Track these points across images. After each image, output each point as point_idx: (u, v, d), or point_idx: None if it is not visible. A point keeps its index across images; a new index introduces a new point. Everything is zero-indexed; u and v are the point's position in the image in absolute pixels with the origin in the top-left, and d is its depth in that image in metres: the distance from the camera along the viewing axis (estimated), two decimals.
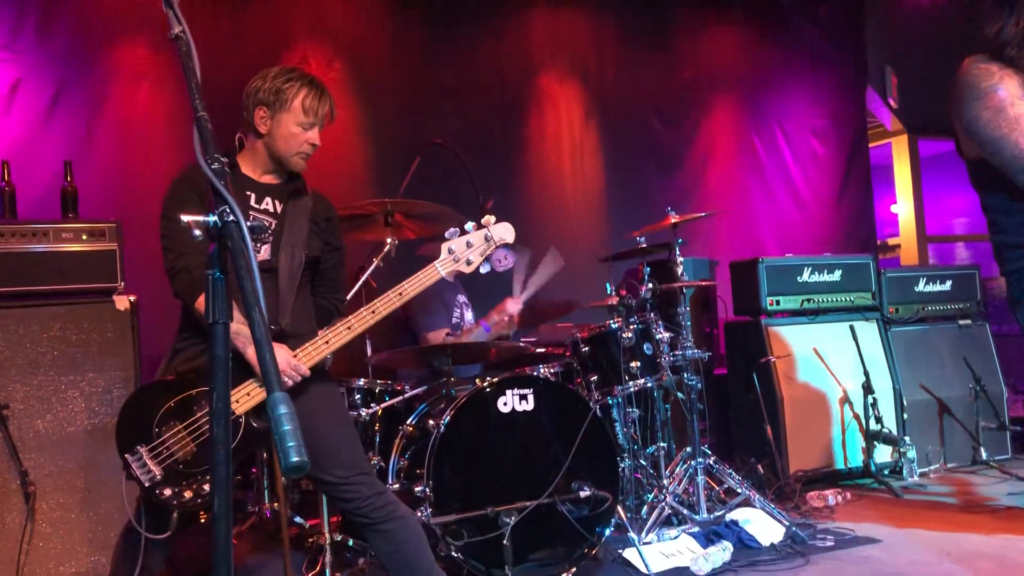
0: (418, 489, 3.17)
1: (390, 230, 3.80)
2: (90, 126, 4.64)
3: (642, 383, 3.98)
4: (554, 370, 3.88)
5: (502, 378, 3.42)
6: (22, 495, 3.42)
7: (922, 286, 5.71)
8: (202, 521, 3.08)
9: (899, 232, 8.27)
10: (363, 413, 3.57)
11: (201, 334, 2.59)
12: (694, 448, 4.15)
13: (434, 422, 3.33)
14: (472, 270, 2.66)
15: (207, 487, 2.43)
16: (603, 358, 3.98)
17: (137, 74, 4.78)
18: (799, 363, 5.19)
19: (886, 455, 5.19)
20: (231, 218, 1.17)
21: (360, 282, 3.74)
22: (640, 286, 4.30)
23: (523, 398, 3.41)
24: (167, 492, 2.41)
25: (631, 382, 3.95)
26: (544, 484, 3.33)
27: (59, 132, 4.55)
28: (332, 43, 5.34)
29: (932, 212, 8.39)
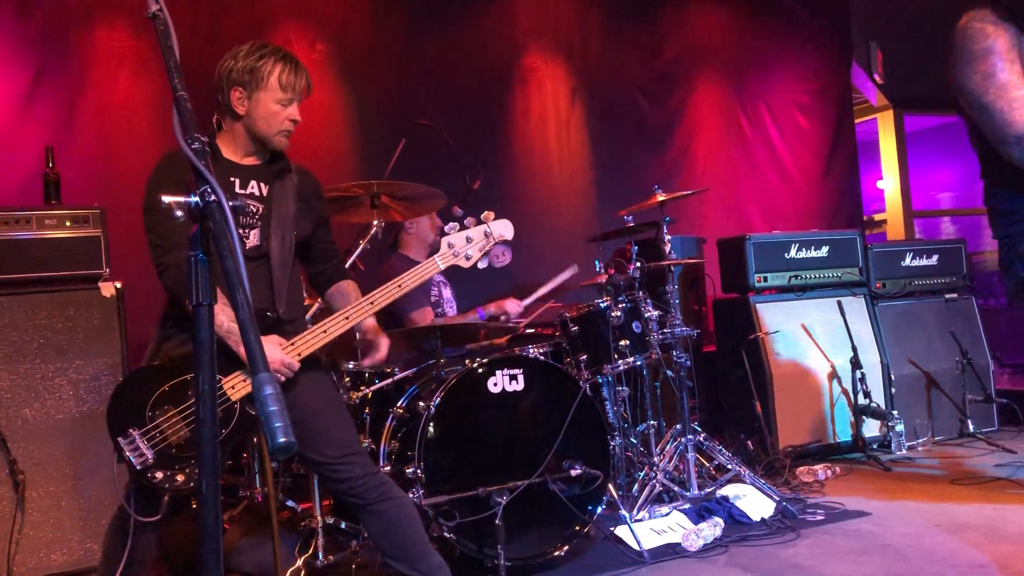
0: (409, 471, 3.17)
1: (376, 212, 3.77)
2: (71, 111, 4.57)
3: (631, 361, 3.98)
4: (543, 350, 3.88)
5: (492, 359, 3.42)
6: (11, 484, 3.41)
7: (909, 261, 5.73)
8: (193, 507, 3.07)
9: (885, 207, 8.29)
10: (353, 396, 3.57)
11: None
12: (684, 425, 4.16)
13: (424, 404, 3.32)
14: (471, 265, 2.65)
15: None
16: (592, 337, 3.98)
17: (118, 57, 4.71)
18: (787, 339, 5.21)
19: (875, 429, 5.23)
20: (212, 198, 1.16)
21: (347, 265, 3.71)
22: (628, 265, 4.30)
23: (513, 378, 3.41)
24: (159, 475, 2.40)
25: (620, 361, 3.95)
26: (535, 463, 3.33)
27: (39, 117, 4.49)
28: (315, 24, 5.28)
29: (917, 187, 8.41)
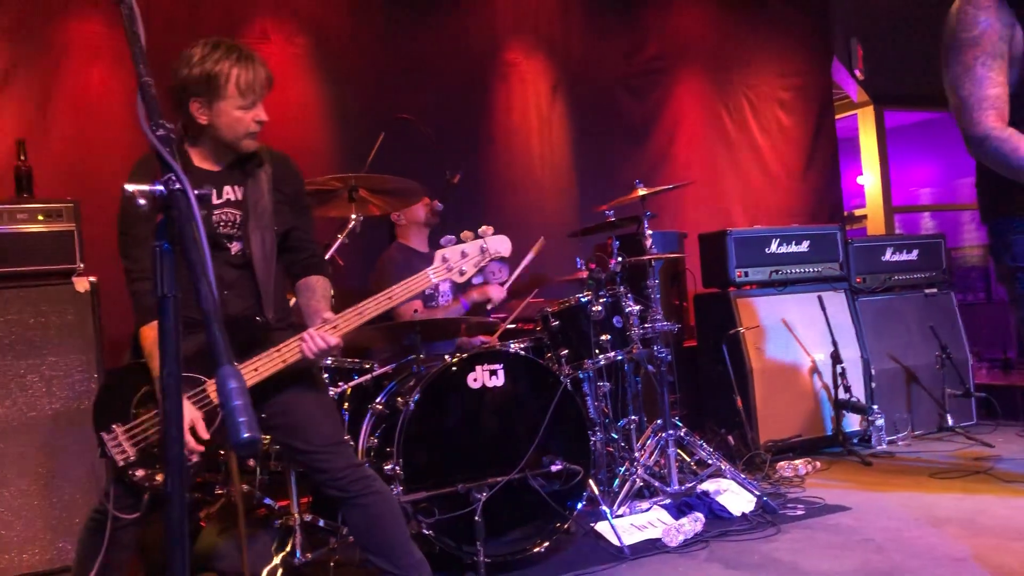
0: (388, 467, 3.14)
1: (355, 206, 3.73)
2: (44, 104, 4.50)
3: (612, 356, 3.97)
4: (524, 345, 3.86)
5: (472, 353, 3.39)
6: None
7: (889, 256, 5.75)
8: None
9: (865, 203, 8.32)
10: (332, 392, 3.53)
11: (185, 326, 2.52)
12: (665, 420, 4.15)
13: (403, 400, 3.29)
14: (465, 280, 2.59)
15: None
16: (573, 332, 3.96)
17: (93, 50, 4.64)
18: (768, 334, 5.21)
19: (855, 424, 5.24)
20: (177, 186, 1.12)
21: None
22: (609, 260, 4.29)
23: (493, 373, 3.38)
24: (140, 473, 2.39)
25: (601, 356, 3.94)
26: (515, 459, 3.31)
27: (11, 110, 4.42)
28: (294, 17, 5.23)
29: (897, 183, 8.46)
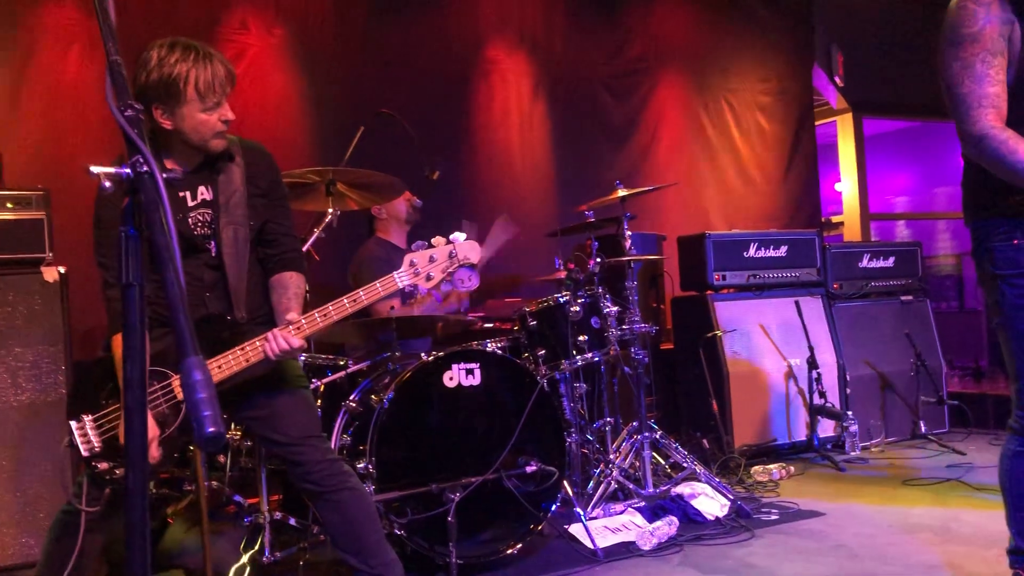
0: (360, 466, 3.10)
1: (332, 200, 3.68)
2: (16, 90, 4.42)
3: (589, 357, 3.94)
4: (501, 344, 3.82)
5: (448, 352, 3.35)
6: None
7: (866, 262, 5.77)
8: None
9: (842, 209, 8.36)
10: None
11: (155, 322, 2.46)
12: (641, 423, 4.13)
13: (377, 398, 3.25)
14: (432, 286, 2.54)
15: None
16: (551, 332, 3.93)
17: (68, 37, 4.56)
18: (745, 338, 5.21)
19: (829, 429, 5.25)
20: (145, 169, 1.08)
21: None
22: (588, 260, 4.26)
23: (469, 372, 3.35)
24: (103, 465, 2.35)
25: (579, 356, 3.91)
26: (490, 460, 3.28)
27: None
28: (273, 7, 5.16)
29: (874, 190, 8.51)
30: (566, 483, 3.58)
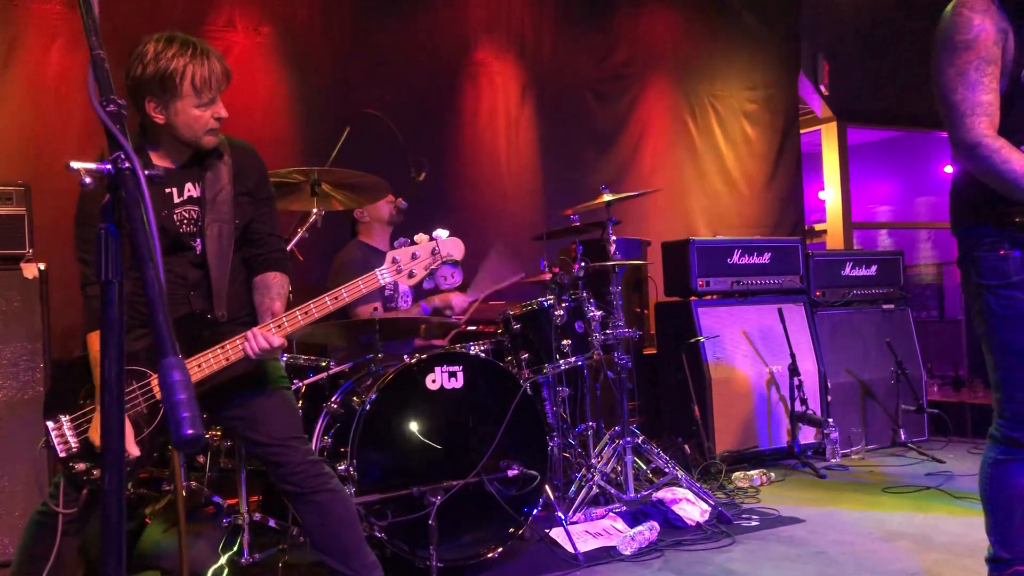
0: (341, 468, 3.08)
1: (316, 200, 3.66)
2: None
3: (573, 361, 3.94)
4: (485, 347, 3.81)
5: (431, 355, 3.34)
6: None
7: (848, 270, 5.80)
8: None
9: (825, 217, 8.40)
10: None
11: (135, 321, 2.44)
12: (623, 427, 4.13)
13: (359, 399, 3.23)
14: (414, 283, 2.52)
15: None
16: (534, 336, 3.92)
17: (51, 30, 4.51)
18: (727, 344, 5.22)
19: (810, 436, 5.27)
20: (126, 165, 1.06)
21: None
22: (573, 264, 4.26)
23: (452, 375, 3.34)
24: (80, 466, 2.33)
25: (562, 360, 3.91)
26: (472, 463, 3.26)
27: None
28: (260, 6, 5.13)
29: (857, 199, 8.55)
30: (548, 487, 3.58)
